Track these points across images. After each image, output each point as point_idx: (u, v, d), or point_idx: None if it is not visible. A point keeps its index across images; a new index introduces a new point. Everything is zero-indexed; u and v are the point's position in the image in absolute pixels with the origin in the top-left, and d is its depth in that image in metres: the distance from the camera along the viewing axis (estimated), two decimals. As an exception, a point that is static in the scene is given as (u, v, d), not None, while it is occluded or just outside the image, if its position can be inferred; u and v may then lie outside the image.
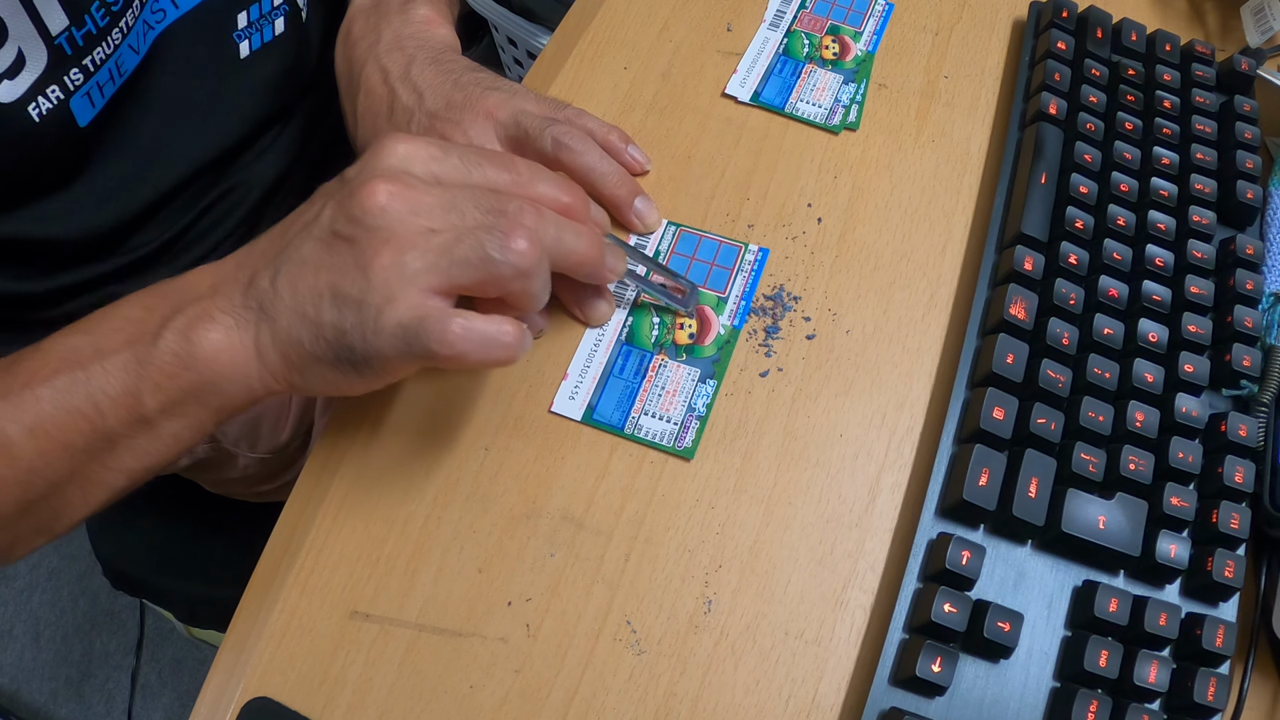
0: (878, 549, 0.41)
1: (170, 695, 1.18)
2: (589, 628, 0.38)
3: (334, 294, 0.35)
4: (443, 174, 0.37)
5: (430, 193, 0.36)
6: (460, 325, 0.34)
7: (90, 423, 0.35)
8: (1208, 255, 0.47)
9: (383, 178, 0.35)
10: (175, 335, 0.36)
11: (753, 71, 0.53)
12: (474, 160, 0.38)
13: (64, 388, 0.35)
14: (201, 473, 0.69)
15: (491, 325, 0.35)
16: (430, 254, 0.34)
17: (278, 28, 0.57)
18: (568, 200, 0.39)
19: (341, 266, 0.35)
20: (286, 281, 0.36)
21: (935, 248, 0.49)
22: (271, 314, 0.36)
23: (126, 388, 0.35)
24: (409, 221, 0.35)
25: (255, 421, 0.64)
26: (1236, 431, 0.41)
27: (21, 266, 0.51)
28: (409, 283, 0.34)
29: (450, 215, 0.35)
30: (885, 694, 0.37)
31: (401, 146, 0.37)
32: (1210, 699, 0.37)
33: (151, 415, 0.36)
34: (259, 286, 0.36)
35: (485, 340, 0.35)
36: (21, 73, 0.43)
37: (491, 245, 0.34)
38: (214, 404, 0.37)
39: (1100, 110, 0.51)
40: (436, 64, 0.48)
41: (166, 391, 0.36)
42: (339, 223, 0.35)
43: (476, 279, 0.35)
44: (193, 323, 0.36)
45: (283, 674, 0.37)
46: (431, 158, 0.37)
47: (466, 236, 0.35)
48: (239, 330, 0.36)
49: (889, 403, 0.44)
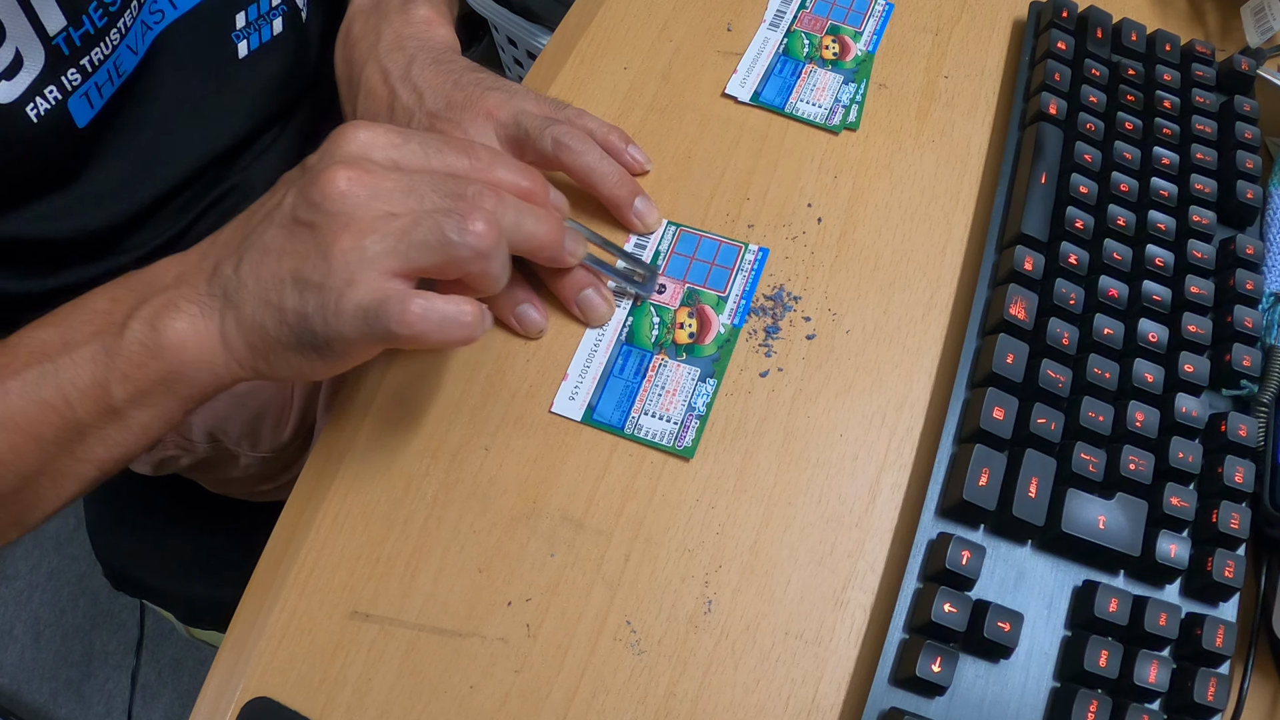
0: (878, 549, 0.41)
1: (170, 695, 1.18)
2: (589, 628, 0.38)
3: (296, 279, 0.35)
4: (402, 160, 0.37)
5: (390, 178, 0.36)
6: (419, 305, 0.35)
7: (60, 414, 0.36)
8: (1208, 255, 0.47)
9: (343, 164, 0.36)
10: (142, 325, 0.36)
11: (753, 71, 0.53)
12: (434, 146, 0.38)
13: (33, 381, 0.36)
14: (202, 473, 0.69)
15: (450, 305, 0.35)
16: (390, 237, 0.35)
17: (276, 28, 0.57)
18: (527, 185, 0.40)
19: (303, 252, 0.35)
20: (250, 268, 0.36)
21: (935, 248, 0.49)
22: (236, 301, 0.36)
23: (95, 379, 0.36)
24: (368, 206, 0.35)
25: (256, 421, 0.64)
26: (1236, 431, 0.41)
27: (20, 267, 0.51)
28: (369, 266, 0.35)
29: (409, 199, 0.36)
30: (885, 694, 0.37)
31: (362, 134, 0.37)
32: (1210, 699, 0.37)
33: (120, 405, 0.36)
34: (223, 274, 0.36)
35: (444, 320, 0.35)
36: (19, 73, 0.43)
37: (449, 228, 0.35)
38: (182, 393, 0.37)
39: (1100, 110, 0.51)
40: (437, 64, 0.48)
41: (135, 381, 0.36)
42: (300, 209, 0.36)
43: (435, 261, 0.35)
44: (159, 312, 0.36)
45: (283, 674, 0.37)
46: (391, 144, 0.37)
47: (425, 220, 0.35)
48: (204, 318, 0.36)
49: (889, 403, 0.44)
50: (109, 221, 0.52)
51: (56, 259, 0.52)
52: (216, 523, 0.73)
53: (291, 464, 0.69)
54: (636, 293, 0.46)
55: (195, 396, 0.38)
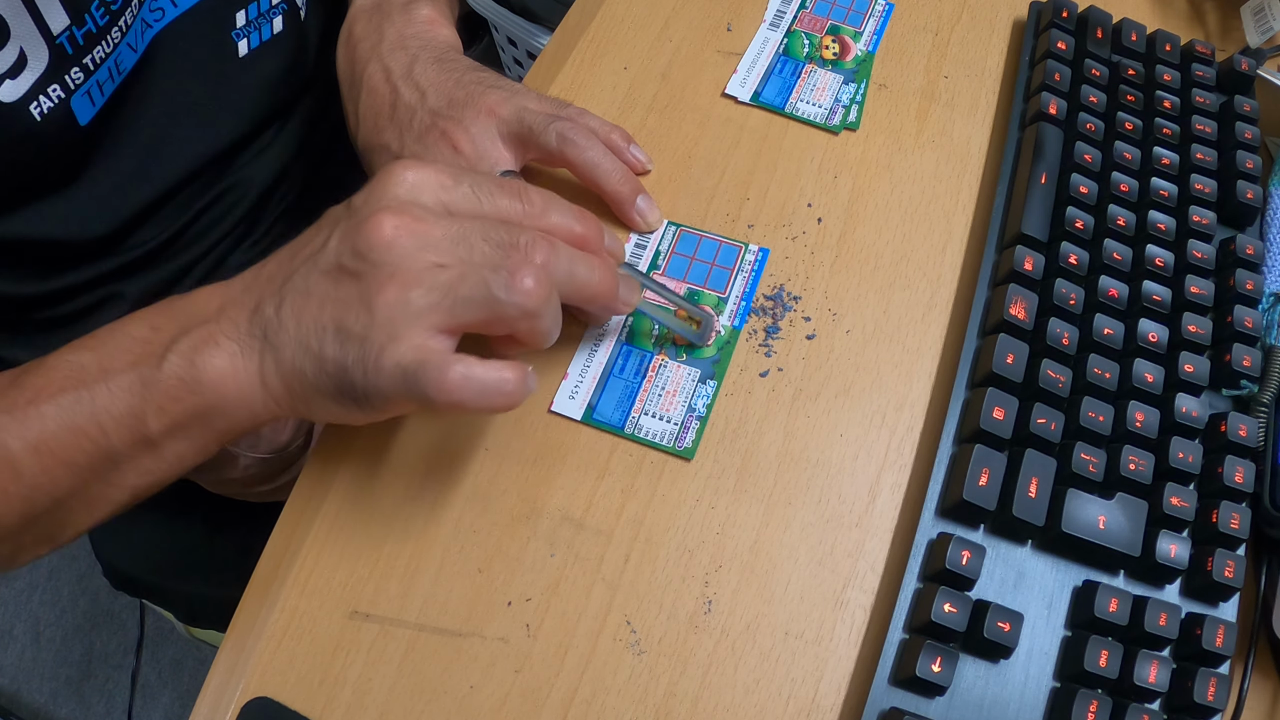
0: (878, 549, 0.41)
1: (170, 695, 1.18)
2: (589, 628, 0.38)
3: (337, 328, 0.34)
4: (452, 204, 0.36)
5: (438, 225, 0.35)
6: (458, 373, 0.33)
7: (94, 442, 0.35)
8: (1208, 255, 0.47)
9: (390, 210, 0.35)
10: (180, 359, 0.35)
11: (753, 71, 0.53)
12: (485, 190, 0.37)
13: (69, 406, 0.35)
14: (202, 473, 0.68)
15: (491, 372, 0.34)
16: (435, 291, 0.34)
17: (276, 26, 0.57)
18: (580, 230, 0.38)
19: (346, 300, 0.34)
20: (291, 312, 0.35)
21: (935, 248, 0.49)
22: (276, 344, 0.35)
23: (131, 409, 0.35)
24: (415, 257, 0.34)
25: (256, 421, 0.63)
26: (1236, 431, 0.41)
27: (22, 267, 0.51)
28: (413, 321, 0.34)
29: (458, 249, 0.35)
30: (885, 694, 0.37)
31: (410, 174, 0.36)
32: (1210, 699, 0.37)
33: (155, 436, 0.36)
34: (264, 314, 0.36)
35: (484, 389, 0.34)
36: (23, 72, 0.43)
37: (497, 285, 0.34)
38: (219, 426, 0.37)
39: (1100, 110, 0.51)
40: (439, 63, 0.48)
41: (171, 414, 0.36)
42: (344, 256, 0.35)
43: (481, 318, 0.34)
44: (198, 347, 0.35)
45: (283, 674, 0.37)
46: (441, 186, 0.36)
47: (472, 274, 0.34)
48: (243, 357, 0.36)
49: (889, 403, 0.44)
50: (108, 222, 0.52)
51: (57, 259, 0.52)
52: (216, 522, 0.73)
53: (291, 464, 0.68)
54: (691, 340, 0.44)
55: (232, 430, 0.37)
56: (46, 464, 0.35)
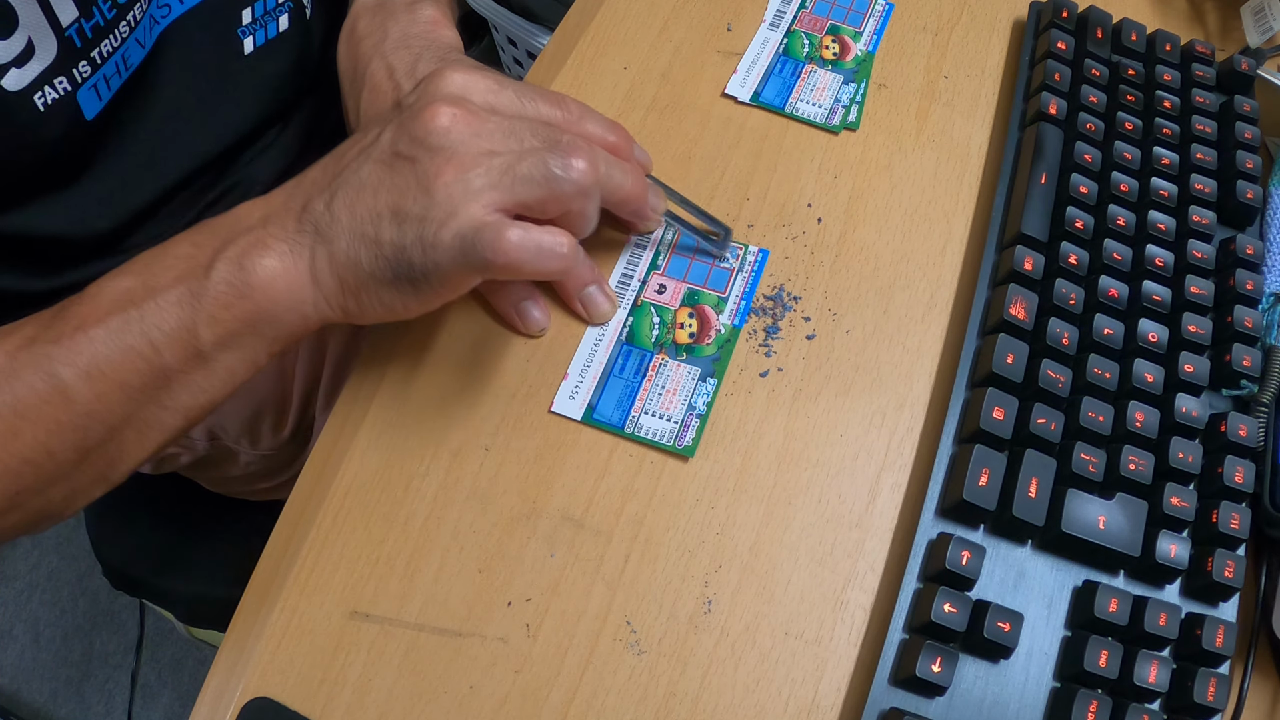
0: (878, 549, 0.41)
1: (170, 695, 1.18)
2: (589, 628, 0.38)
3: (395, 212, 0.36)
4: (499, 104, 0.38)
5: (490, 119, 0.37)
6: (516, 234, 0.35)
7: (147, 361, 0.36)
8: (1208, 255, 0.47)
9: (445, 100, 0.36)
10: (229, 265, 0.36)
11: (753, 71, 0.53)
12: (528, 95, 0.39)
13: (118, 328, 0.35)
14: (202, 471, 0.69)
15: (547, 235, 0.36)
16: (494, 172, 0.35)
17: (282, 24, 0.57)
18: (614, 139, 0.41)
19: (403, 186, 0.36)
20: (344, 204, 0.36)
21: (935, 248, 0.49)
22: (328, 236, 0.36)
23: (182, 323, 0.36)
24: (471, 143, 0.36)
25: (256, 419, 0.64)
26: (1236, 431, 0.41)
27: (24, 264, 0.51)
28: (472, 198, 0.35)
29: (509, 140, 0.37)
30: (885, 694, 0.37)
31: (459, 76, 0.38)
32: (1210, 699, 0.37)
33: (207, 349, 0.36)
34: (314, 211, 0.37)
35: (540, 249, 0.36)
36: (30, 62, 0.43)
37: (554, 163, 0.36)
38: (269, 334, 0.37)
39: (1100, 110, 0.51)
40: (442, 63, 0.48)
41: (223, 323, 0.36)
42: (401, 143, 0.36)
43: (539, 196, 0.36)
44: (246, 251, 0.36)
45: (283, 674, 0.37)
46: (489, 89, 0.38)
47: (529, 155, 0.36)
48: (293, 256, 0.36)
49: (889, 403, 0.44)
50: (112, 219, 0.52)
51: (60, 256, 0.52)
52: (216, 522, 0.73)
53: (291, 462, 0.69)
54: (713, 251, 0.46)
55: (281, 338, 0.38)
56: (100, 389, 0.35)
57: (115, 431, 0.37)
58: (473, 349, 0.44)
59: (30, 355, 0.35)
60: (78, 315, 0.36)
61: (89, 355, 0.35)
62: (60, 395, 0.35)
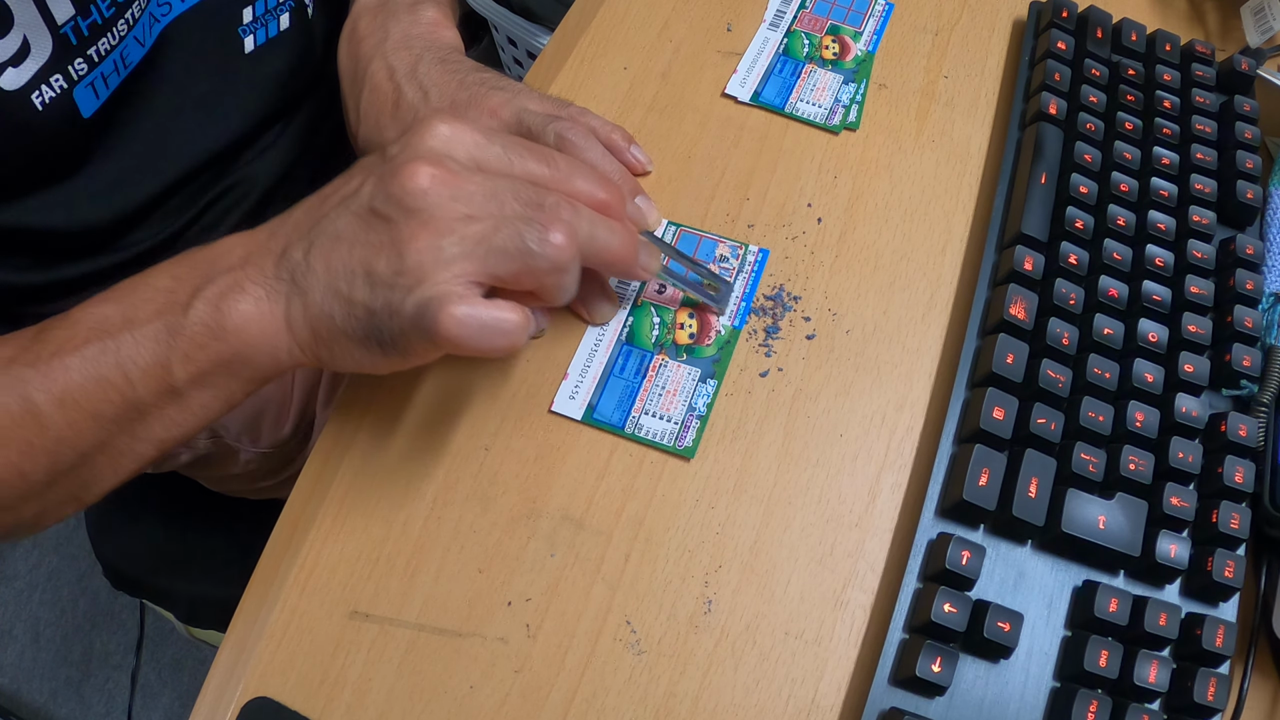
0: (878, 549, 0.41)
1: (170, 695, 1.18)
2: (589, 628, 0.38)
3: (367, 272, 0.35)
4: (484, 161, 0.37)
5: (472, 180, 0.36)
6: (462, 311, 0.34)
7: (120, 393, 0.35)
8: (1208, 255, 0.47)
9: (426, 159, 0.35)
10: (206, 305, 0.36)
11: (753, 71, 0.53)
12: (516, 151, 0.38)
13: (93, 357, 0.35)
14: (202, 469, 0.69)
15: (495, 312, 0.34)
16: (468, 241, 0.34)
17: (283, 23, 0.57)
18: (604, 196, 0.39)
19: (377, 245, 0.35)
20: (320, 255, 0.36)
21: (935, 248, 0.49)
22: (303, 287, 0.36)
23: (157, 358, 0.35)
24: (449, 207, 0.35)
25: (256, 416, 0.64)
26: (1236, 431, 0.41)
27: (20, 258, 0.51)
28: (443, 267, 0.34)
29: (490, 204, 0.36)
30: (885, 694, 0.37)
31: (445, 128, 0.37)
32: (1210, 699, 0.37)
33: (181, 386, 0.36)
34: (292, 259, 0.36)
35: (483, 327, 0.34)
36: (26, 60, 0.43)
37: (530, 237, 0.35)
38: (243, 375, 0.37)
39: (1100, 110, 0.51)
40: (443, 64, 0.48)
41: (196, 362, 0.36)
42: (378, 200, 0.35)
43: (513, 270, 0.35)
44: (224, 293, 0.36)
45: (283, 674, 0.37)
46: (475, 144, 0.37)
47: (505, 226, 0.35)
48: (270, 302, 0.36)
49: (889, 403, 0.44)
50: (110, 215, 0.52)
51: (57, 251, 0.52)
52: (216, 522, 0.73)
53: (291, 460, 0.69)
54: (711, 306, 0.45)
55: (256, 379, 0.38)
56: (72, 416, 0.35)
57: (87, 458, 0.37)
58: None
59: (7, 377, 0.35)
60: (56, 340, 0.36)
61: (63, 383, 0.35)
62: (33, 419, 0.35)
